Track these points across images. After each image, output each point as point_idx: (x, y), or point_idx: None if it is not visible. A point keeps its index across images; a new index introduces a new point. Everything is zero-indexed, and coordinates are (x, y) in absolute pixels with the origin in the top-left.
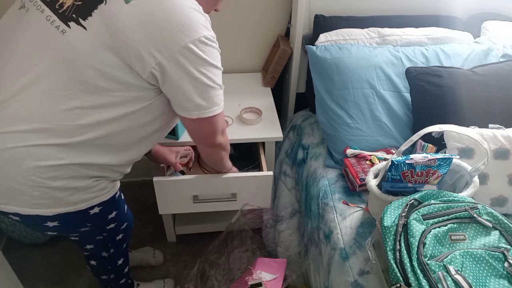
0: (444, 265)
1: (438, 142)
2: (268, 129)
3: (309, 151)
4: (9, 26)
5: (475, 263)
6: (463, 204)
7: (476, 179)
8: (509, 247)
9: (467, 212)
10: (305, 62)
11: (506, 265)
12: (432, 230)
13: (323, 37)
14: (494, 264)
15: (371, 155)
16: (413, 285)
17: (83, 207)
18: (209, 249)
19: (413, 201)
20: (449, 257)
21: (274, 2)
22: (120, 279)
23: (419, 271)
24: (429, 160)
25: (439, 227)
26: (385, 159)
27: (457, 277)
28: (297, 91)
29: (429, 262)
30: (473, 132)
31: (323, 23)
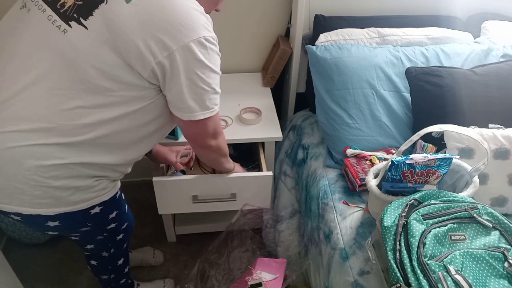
0: (444, 265)
1: (438, 142)
2: (267, 129)
3: (309, 151)
4: (11, 26)
5: (475, 263)
6: (463, 204)
7: (476, 179)
8: (509, 247)
9: (467, 212)
10: (305, 62)
11: (506, 265)
12: (432, 230)
13: (323, 37)
14: (494, 264)
15: (371, 155)
16: (413, 285)
17: (84, 207)
18: (209, 249)
19: (413, 201)
20: (449, 257)
21: (274, 2)
22: (120, 279)
23: (419, 271)
24: (429, 160)
25: (439, 227)
26: (385, 159)
27: (457, 277)
28: (297, 91)
29: (429, 262)
30: (473, 132)
31: (323, 23)
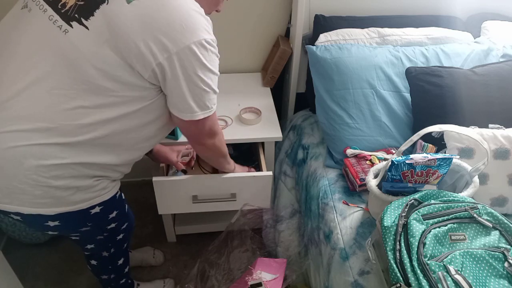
0: (444, 265)
1: (438, 142)
2: (267, 129)
3: (309, 151)
4: (12, 25)
5: (475, 263)
6: (463, 204)
7: (476, 179)
8: (509, 247)
9: (467, 212)
10: (305, 62)
11: (506, 265)
12: (432, 230)
13: (323, 37)
14: (494, 264)
15: (371, 155)
16: (413, 285)
17: (84, 207)
18: (209, 249)
19: (413, 201)
20: (449, 257)
21: (274, 2)
22: (120, 279)
23: (419, 271)
24: (429, 160)
25: (439, 227)
26: (385, 159)
27: (457, 277)
28: (297, 91)
29: (429, 262)
30: (473, 132)
31: (323, 23)
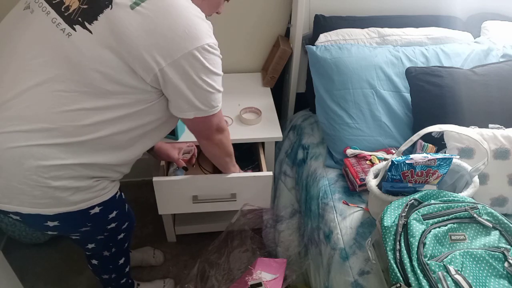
0: (444, 265)
1: (438, 142)
2: (267, 129)
3: (309, 151)
4: (13, 26)
5: (475, 263)
6: (463, 204)
7: (476, 179)
8: (509, 247)
9: (467, 212)
10: (305, 62)
11: (506, 265)
12: (432, 230)
13: (323, 37)
14: (494, 264)
15: (371, 155)
16: (413, 285)
17: (83, 207)
18: (209, 249)
19: (413, 201)
20: (449, 257)
21: (274, 2)
22: (121, 279)
23: (419, 271)
24: (429, 160)
25: (439, 227)
26: (385, 159)
27: (457, 277)
28: (297, 91)
29: (429, 262)
30: (473, 132)
31: (323, 23)
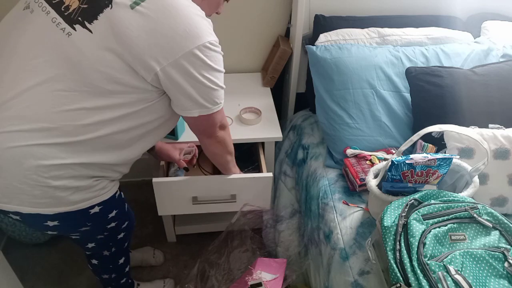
0: (444, 265)
1: (438, 142)
2: (267, 129)
3: (309, 151)
4: (13, 26)
5: (475, 263)
6: (463, 204)
7: (476, 179)
8: (509, 247)
9: (467, 212)
10: (305, 62)
11: (506, 265)
12: (432, 230)
13: (323, 37)
14: (494, 264)
15: (371, 155)
16: (413, 285)
17: (83, 207)
18: (209, 249)
19: (413, 201)
20: (449, 257)
21: (274, 2)
22: (121, 279)
23: (419, 271)
24: (429, 160)
25: (439, 227)
26: (385, 159)
27: (457, 277)
28: (297, 91)
29: (429, 262)
30: (473, 132)
31: (323, 23)
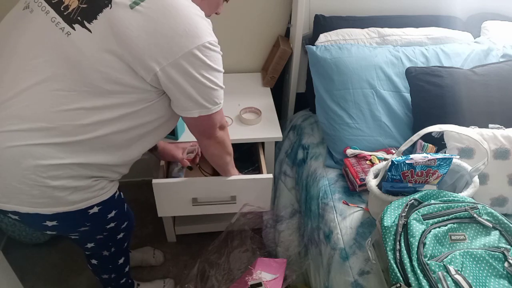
0: (444, 265)
1: (438, 142)
2: (267, 129)
3: (309, 151)
4: (13, 26)
5: (475, 263)
6: (463, 204)
7: (476, 179)
8: (509, 247)
9: (467, 212)
10: (305, 62)
11: (506, 265)
12: (432, 230)
13: (323, 37)
14: (494, 264)
15: (371, 155)
16: (413, 285)
17: (82, 207)
18: (209, 249)
19: (413, 201)
20: (449, 257)
21: (274, 2)
22: (120, 279)
23: (419, 271)
24: (429, 160)
25: (439, 227)
26: (385, 159)
27: (457, 277)
28: (297, 91)
29: (429, 262)
30: (473, 132)
31: (323, 23)
